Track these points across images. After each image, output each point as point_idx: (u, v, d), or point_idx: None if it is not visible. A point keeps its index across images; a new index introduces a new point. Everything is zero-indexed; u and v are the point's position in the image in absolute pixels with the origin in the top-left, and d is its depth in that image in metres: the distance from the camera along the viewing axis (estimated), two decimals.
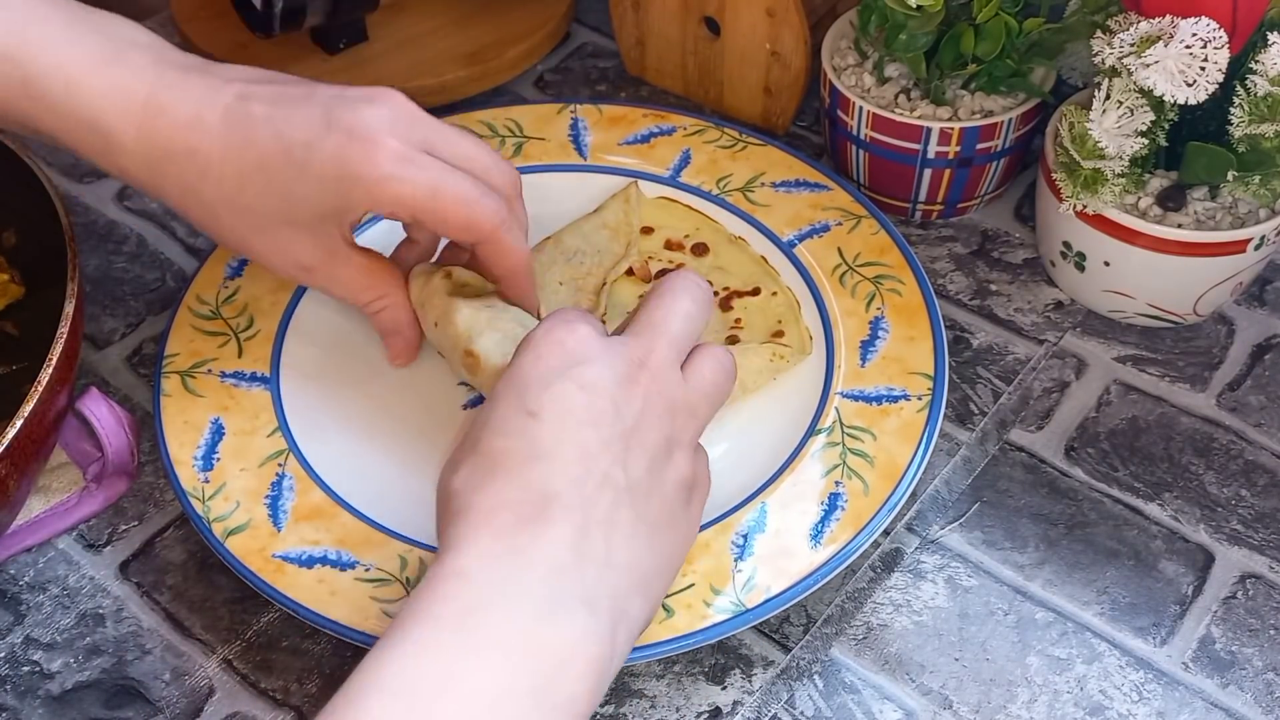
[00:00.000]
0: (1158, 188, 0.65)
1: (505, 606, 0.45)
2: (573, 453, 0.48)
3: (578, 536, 0.47)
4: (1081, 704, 0.56)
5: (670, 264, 0.70)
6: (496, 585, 0.45)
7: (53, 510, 0.63)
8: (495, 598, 0.45)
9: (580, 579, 0.46)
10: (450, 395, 0.66)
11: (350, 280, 0.62)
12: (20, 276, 0.68)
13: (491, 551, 0.46)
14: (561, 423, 0.48)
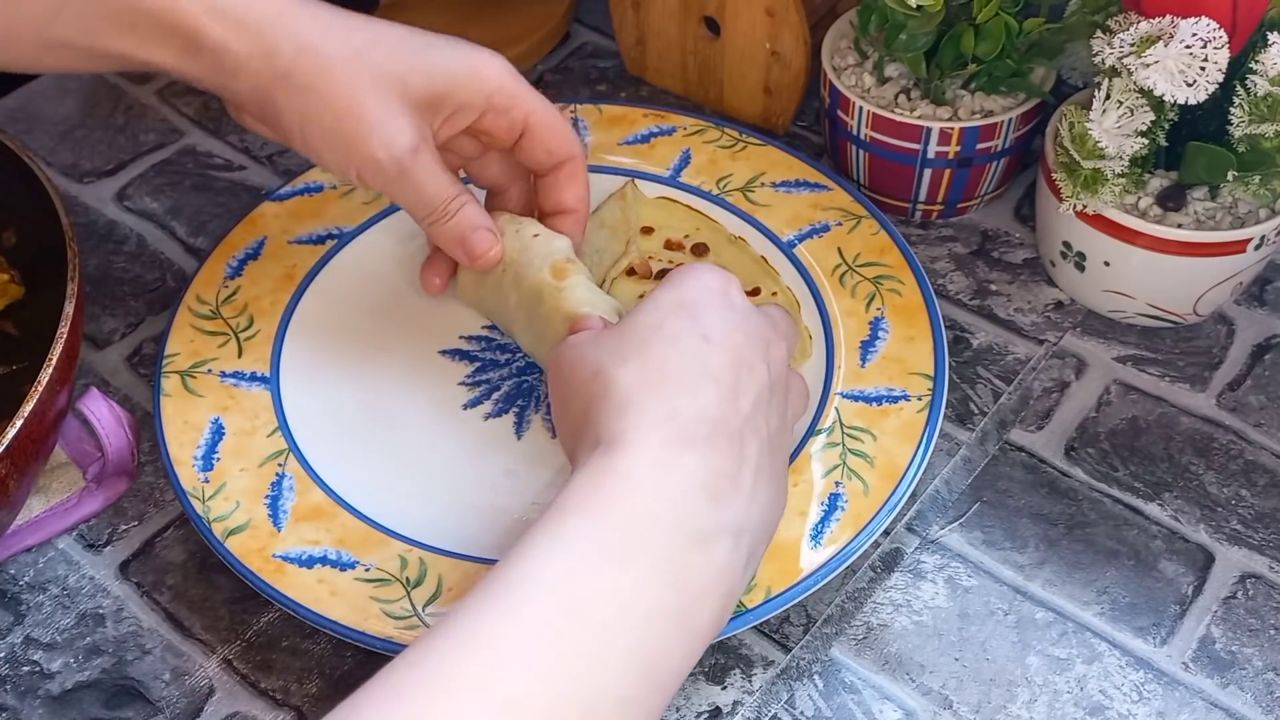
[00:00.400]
0: (1158, 188, 0.65)
1: (667, 524, 0.45)
2: (735, 389, 0.49)
3: (735, 468, 0.47)
4: (1081, 704, 0.56)
5: (670, 263, 0.70)
6: (662, 499, 0.45)
7: (53, 510, 0.63)
8: (659, 512, 0.45)
9: (732, 509, 0.47)
10: (450, 395, 0.66)
11: (436, 174, 0.60)
12: (20, 276, 0.68)
13: (660, 461, 0.46)
14: (732, 356, 0.49)
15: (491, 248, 0.63)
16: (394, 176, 0.59)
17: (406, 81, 0.58)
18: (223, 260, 0.70)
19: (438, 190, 0.60)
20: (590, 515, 0.45)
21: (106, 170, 0.81)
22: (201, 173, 0.81)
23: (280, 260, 0.71)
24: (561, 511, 0.45)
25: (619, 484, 0.45)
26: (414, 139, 0.59)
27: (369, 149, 0.58)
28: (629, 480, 0.45)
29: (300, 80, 0.57)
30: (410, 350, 0.68)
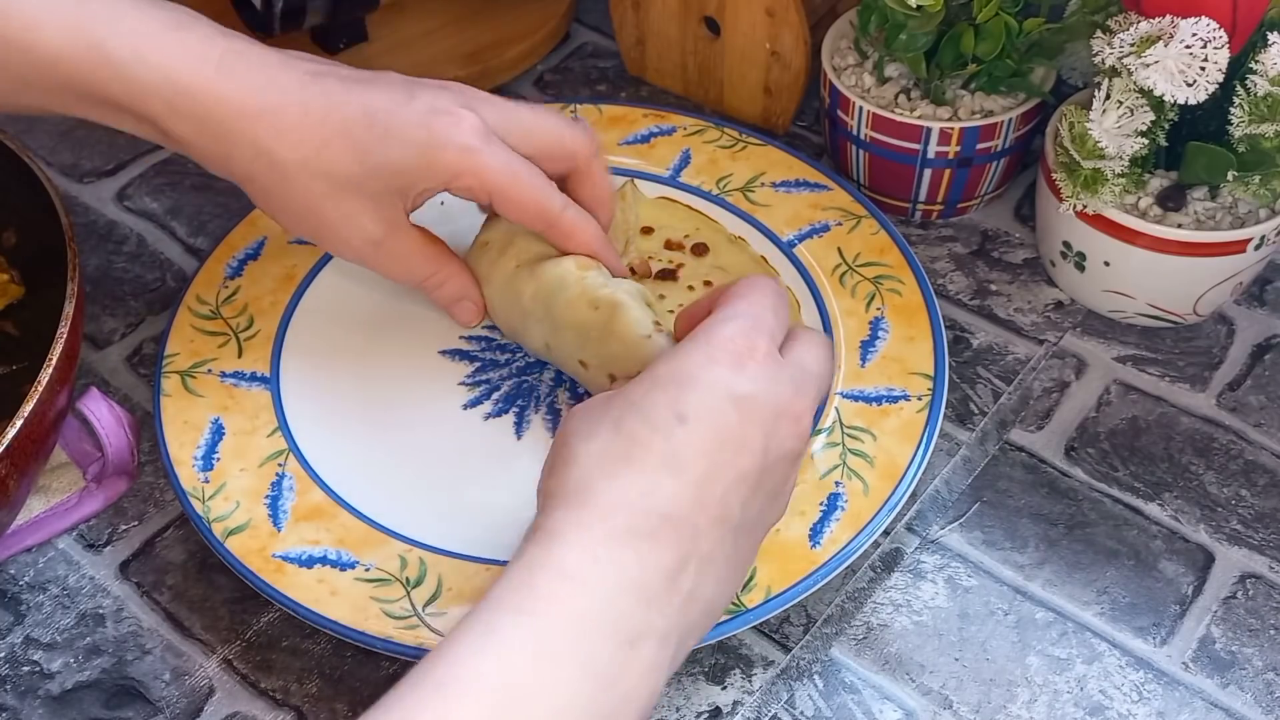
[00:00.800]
0: (1158, 188, 0.65)
1: (598, 623, 0.44)
2: (705, 476, 0.47)
3: (677, 567, 0.46)
4: (1081, 704, 0.56)
5: (670, 263, 0.70)
6: (595, 598, 0.44)
7: (53, 510, 0.63)
8: (592, 611, 0.44)
9: (665, 610, 0.45)
10: (450, 395, 0.66)
11: (411, 255, 0.62)
12: (20, 276, 0.68)
13: (598, 557, 0.45)
14: (707, 439, 0.47)
15: (470, 322, 0.66)
16: (368, 263, 0.62)
17: (362, 183, 0.58)
18: (223, 260, 0.70)
19: (410, 272, 0.63)
20: (523, 611, 0.43)
21: (106, 170, 0.81)
22: (201, 173, 0.80)
23: (280, 260, 0.71)
24: (493, 607, 0.44)
25: (552, 580, 0.44)
26: (378, 234, 0.60)
27: (336, 244, 0.61)
28: (563, 576, 0.44)
29: (261, 184, 0.59)
30: (410, 350, 0.68)
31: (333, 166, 0.58)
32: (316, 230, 0.60)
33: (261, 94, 0.57)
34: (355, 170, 0.58)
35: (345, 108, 0.58)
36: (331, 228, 0.60)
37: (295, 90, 0.57)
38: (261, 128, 0.57)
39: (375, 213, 0.59)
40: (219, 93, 0.56)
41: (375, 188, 0.59)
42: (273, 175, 0.58)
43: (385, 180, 0.59)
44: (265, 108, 0.57)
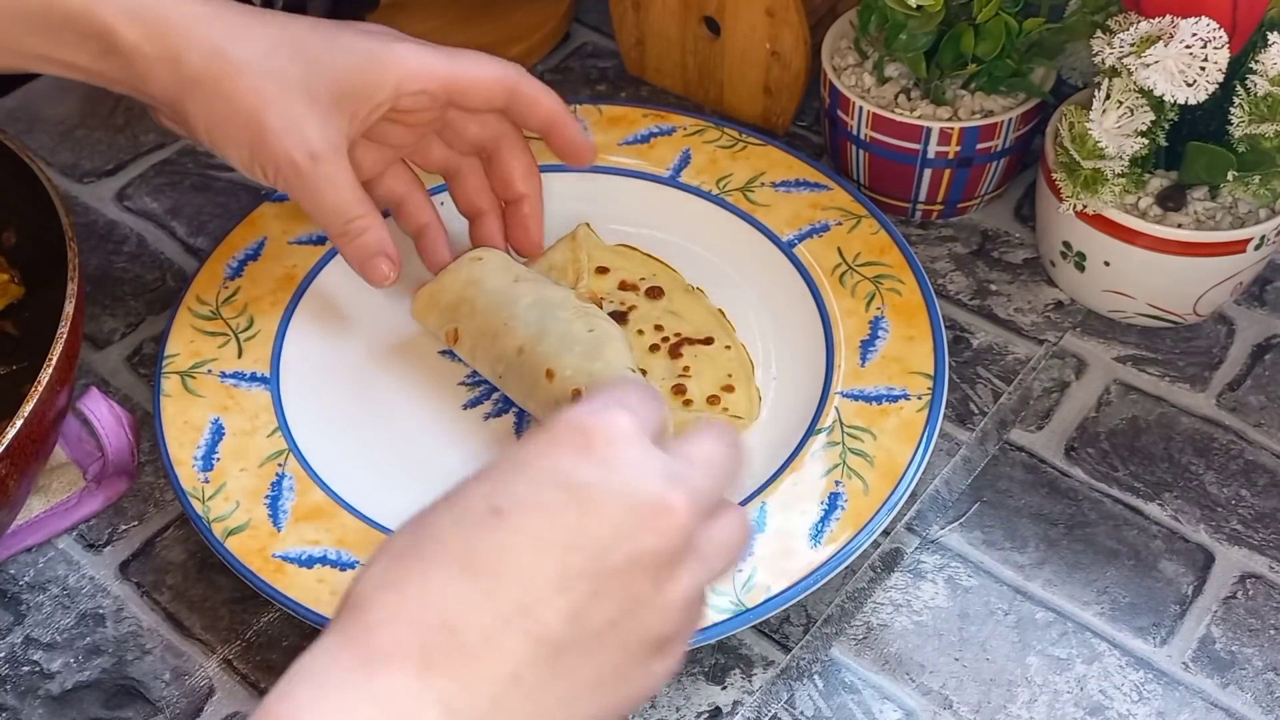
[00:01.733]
0: (1158, 188, 0.65)
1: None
2: (511, 581, 0.39)
3: (455, 691, 0.38)
4: (1081, 704, 0.56)
5: (623, 305, 0.68)
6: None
7: (53, 510, 0.63)
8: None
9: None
10: (450, 395, 0.66)
11: (343, 185, 0.60)
12: (20, 276, 0.68)
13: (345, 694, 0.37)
14: (522, 537, 0.39)
15: (385, 279, 0.63)
16: (295, 181, 0.60)
17: (309, 85, 0.58)
18: (223, 260, 0.70)
19: (338, 204, 0.60)
20: None
21: (106, 170, 0.81)
22: (201, 173, 0.81)
23: (280, 260, 0.71)
24: None
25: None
26: (318, 145, 0.59)
27: (272, 153, 0.59)
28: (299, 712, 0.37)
29: (207, 87, 0.58)
30: (410, 350, 0.68)
31: (282, 67, 0.58)
32: (257, 138, 0.58)
33: (215, 8, 0.58)
34: (303, 73, 0.58)
35: (294, 25, 0.60)
36: (272, 134, 0.58)
37: (244, 11, 0.59)
38: (215, 29, 0.58)
39: (318, 123, 0.59)
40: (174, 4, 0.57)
41: (322, 94, 0.59)
42: (223, 78, 0.57)
43: (333, 86, 0.59)
44: (218, 14, 0.58)
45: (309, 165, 0.59)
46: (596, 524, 0.40)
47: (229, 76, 0.58)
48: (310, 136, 0.59)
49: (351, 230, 0.61)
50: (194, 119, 0.59)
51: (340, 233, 0.61)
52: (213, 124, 0.59)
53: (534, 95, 0.63)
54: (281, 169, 0.59)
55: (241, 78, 0.58)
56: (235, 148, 0.59)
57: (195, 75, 0.58)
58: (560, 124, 0.65)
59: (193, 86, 0.58)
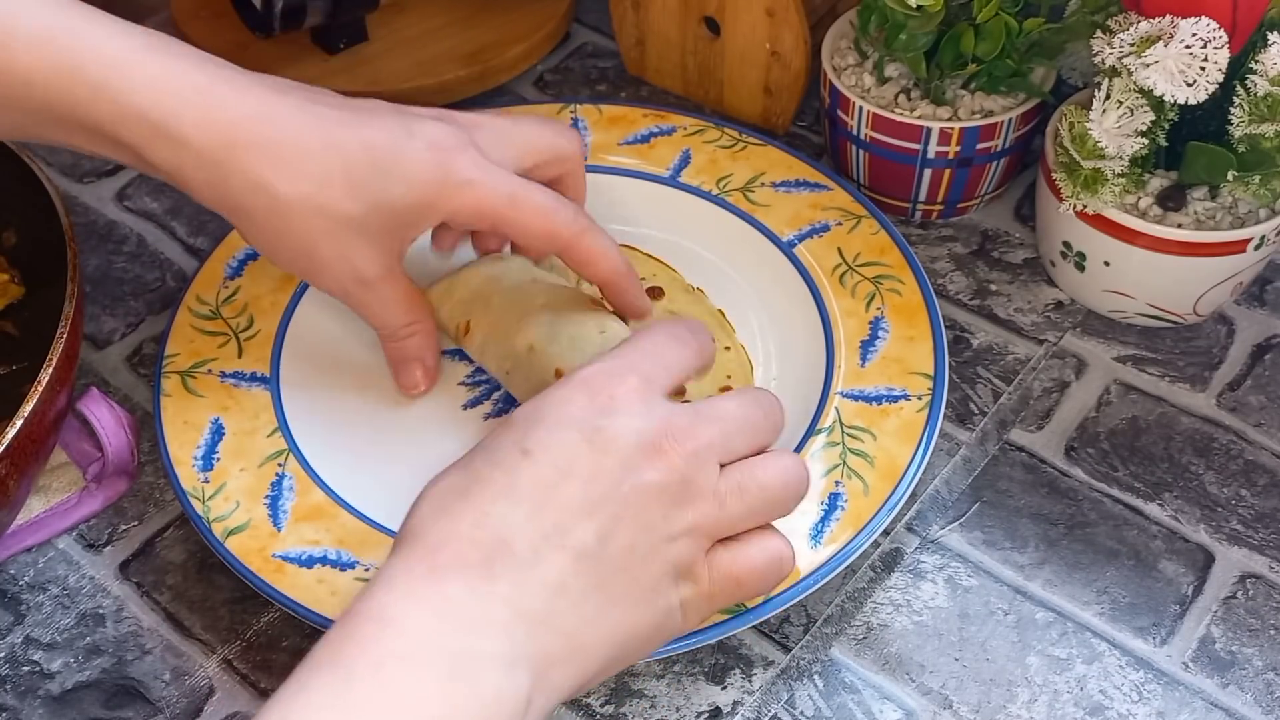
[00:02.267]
0: (1158, 188, 0.65)
1: (422, 662, 0.42)
2: (545, 503, 0.46)
3: (514, 593, 0.44)
4: (1081, 704, 0.56)
5: None
6: (417, 636, 0.43)
7: (53, 510, 0.63)
8: (414, 650, 0.42)
9: (507, 636, 0.44)
10: (450, 395, 0.66)
11: (398, 300, 0.61)
12: (20, 276, 0.68)
13: (421, 595, 0.44)
14: (550, 469, 0.46)
15: (415, 387, 0.65)
16: (348, 301, 0.61)
17: (363, 223, 0.57)
18: (223, 260, 0.70)
19: (389, 320, 0.62)
20: (336, 665, 0.42)
21: (106, 170, 0.81)
22: None
23: None
24: (308, 666, 0.42)
25: (367, 626, 0.43)
26: (370, 275, 0.59)
27: (324, 281, 0.60)
28: (379, 621, 0.43)
29: (256, 219, 0.57)
30: None
31: (333, 204, 0.56)
32: (308, 268, 0.59)
33: (255, 124, 0.55)
34: (355, 209, 0.57)
35: (345, 145, 0.56)
36: (324, 265, 0.58)
37: (288, 121, 0.56)
38: (256, 160, 0.55)
39: (371, 253, 0.58)
40: (209, 121, 0.54)
41: (374, 227, 0.58)
42: (269, 210, 0.56)
43: (385, 219, 0.58)
44: (259, 139, 0.55)
45: (361, 291, 0.60)
46: (608, 459, 0.46)
47: (276, 213, 0.56)
48: (362, 267, 0.59)
49: (401, 334, 0.63)
50: (243, 233, 0.59)
51: (388, 337, 0.63)
52: (261, 244, 0.59)
53: (590, 255, 0.61)
54: (334, 292, 0.60)
55: (291, 215, 0.56)
56: (284, 265, 0.60)
57: (239, 206, 0.57)
58: (616, 286, 0.62)
59: (239, 214, 0.57)
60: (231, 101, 0.55)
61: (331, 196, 0.56)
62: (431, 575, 0.44)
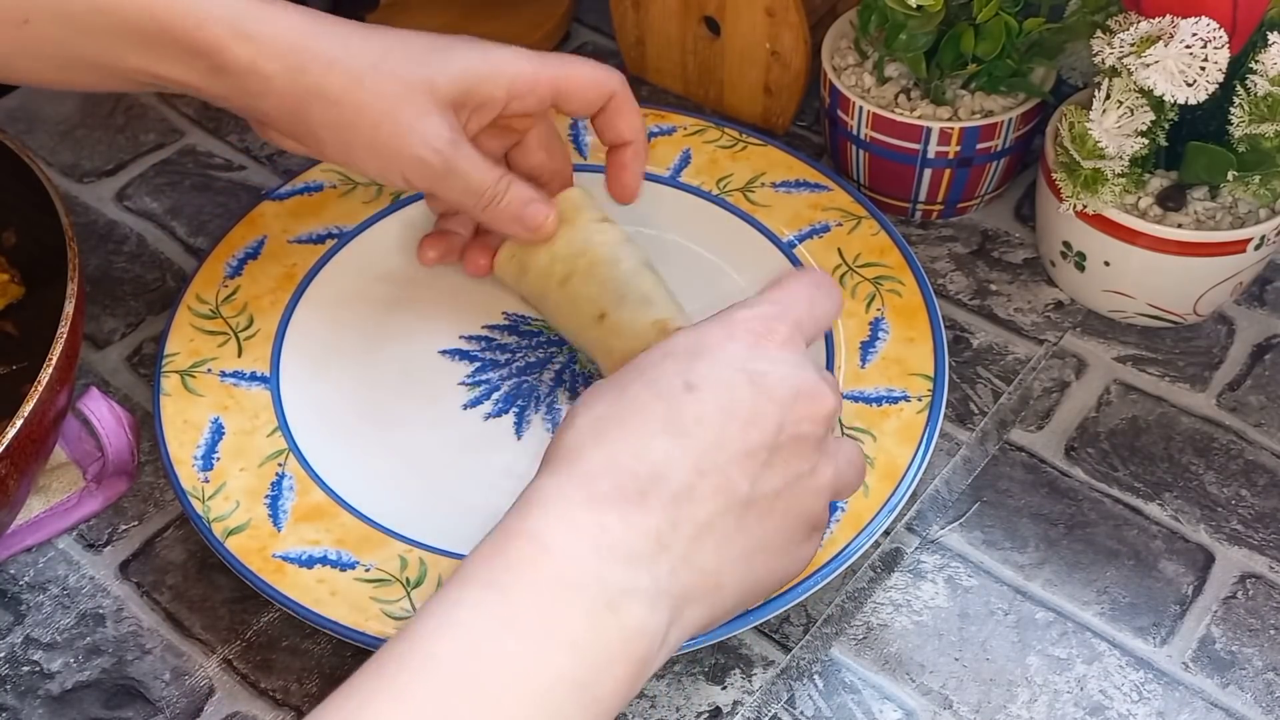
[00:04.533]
0: (1158, 188, 0.65)
1: (572, 589, 0.43)
2: (707, 444, 0.46)
3: (666, 529, 0.45)
4: (1081, 704, 0.56)
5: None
6: (573, 564, 0.43)
7: (53, 510, 0.63)
8: (570, 578, 0.43)
9: (652, 572, 0.44)
10: (451, 395, 0.66)
11: (477, 164, 0.61)
12: (20, 276, 0.68)
13: (578, 522, 0.44)
14: (714, 408, 0.47)
15: (548, 217, 0.64)
16: (440, 171, 0.60)
17: (433, 83, 0.59)
18: (222, 260, 0.70)
19: (483, 175, 0.61)
20: (491, 584, 0.43)
21: (106, 170, 0.81)
22: (201, 172, 0.81)
23: (280, 260, 0.71)
24: (462, 581, 0.43)
25: (524, 547, 0.43)
26: (448, 138, 0.60)
27: (411, 149, 0.59)
28: (536, 543, 0.43)
29: (332, 95, 0.58)
30: (410, 350, 0.68)
31: (406, 66, 0.59)
32: (392, 139, 0.59)
33: (319, 19, 0.59)
34: (427, 72, 0.59)
35: (398, 33, 0.60)
36: (409, 129, 0.59)
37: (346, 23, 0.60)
38: (328, 42, 0.58)
39: (443, 117, 0.59)
40: (281, 14, 0.58)
41: (444, 91, 0.59)
42: (346, 85, 0.58)
43: (452, 85, 0.59)
44: (328, 29, 0.59)
45: (441, 160, 0.60)
46: (769, 404, 0.47)
47: (353, 83, 0.58)
48: (440, 132, 0.59)
49: (499, 192, 0.62)
50: (318, 129, 0.59)
51: (484, 205, 0.62)
52: (341, 133, 0.59)
53: (626, 108, 0.64)
54: (424, 162, 0.60)
55: (365, 82, 0.58)
56: (370, 154, 0.60)
57: (317, 86, 0.58)
58: (639, 144, 0.65)
59: (315, 97, 0.58)
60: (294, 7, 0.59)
61: (397, 62, 0.59)
62: (590, 504, 0.44)
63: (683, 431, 0.46)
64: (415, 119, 0.59)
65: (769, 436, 0.47)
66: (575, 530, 0.44)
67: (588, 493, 0.45)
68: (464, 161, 0.60)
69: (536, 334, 0.69)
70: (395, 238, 0.72)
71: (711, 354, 0.48)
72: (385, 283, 0.71)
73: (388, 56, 0.59)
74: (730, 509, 0.46)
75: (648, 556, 0.44)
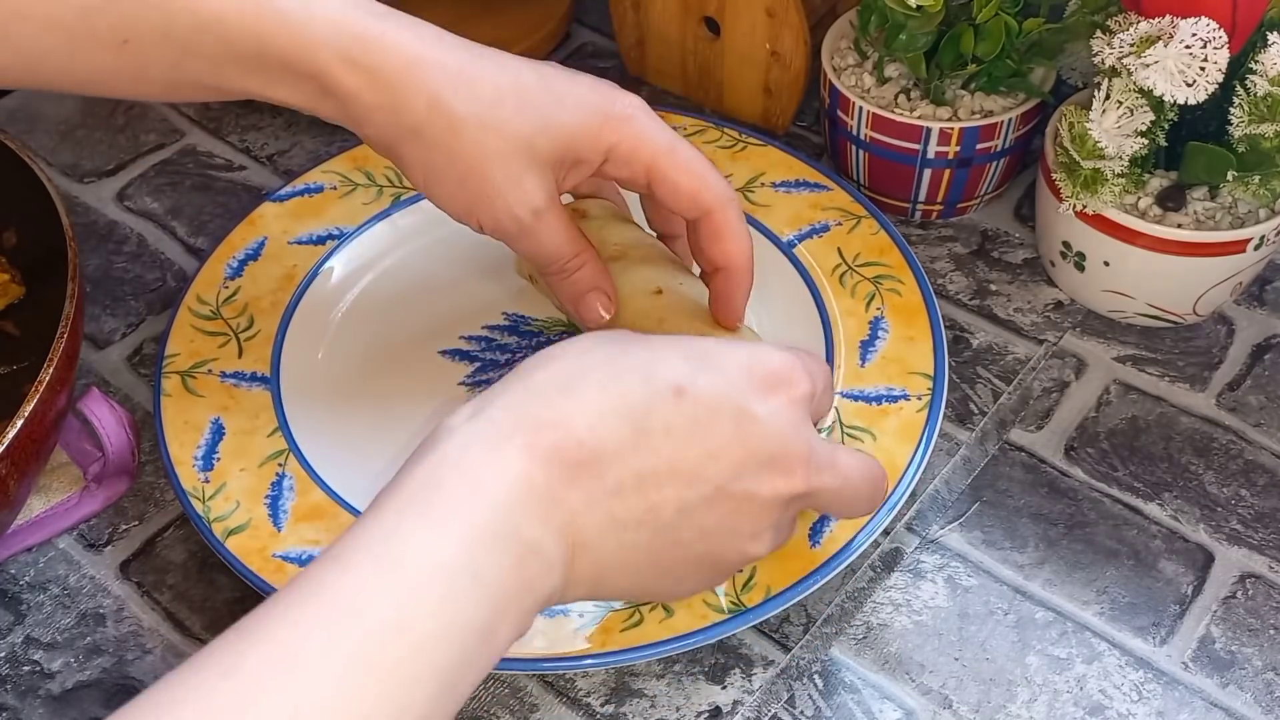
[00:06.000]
0: (1158, 188, 0.65)
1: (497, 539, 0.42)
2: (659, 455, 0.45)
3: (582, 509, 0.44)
4: (1081, 704, 0.56)
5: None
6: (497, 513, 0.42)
7: (53, 510, 0.63)
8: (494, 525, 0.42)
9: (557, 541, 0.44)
10: (451, 395, 0.66)
11: (566, 228, 0.59)
12: (20, 276, 0.68)
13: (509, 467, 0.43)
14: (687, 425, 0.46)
15: (605, 312, 0.61)
16: (516, 234, 0.58)
17: (534, 144, 0.56)
18: (223, 260, 0.70)
19: (559, 250, 0.60)
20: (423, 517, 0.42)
21: (106, 170, 0.81)
22: (202, 173, 0.81)
23: (280, 260, 0.71)
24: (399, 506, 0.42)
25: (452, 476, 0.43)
26: (539, 202, 0.57)
27: (494, 209, 0.57)
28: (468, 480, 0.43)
29: (428, 138, 0.56)
30: (410, 350, 0.68)
31: (506, 123, 0.56)
32: (478, 193, 0.57)
33: (433, 46, 0.56)
34: (526, 129, 0.56)
35: (519, 72, 0.57)
36: (495, 190, 0.57)
37: (462, 49, 0.57)
38: (437, 77, 0.55)
39: (539, 179, 0.57)
40: (393, 41, 0.55)
41: (543, 151, 0.57)
42: (445, 129, 0.56)
43: (553, 142, 0.57)
44: (439, 60, 0.56)
45: (530, 221, 0.58)
46: (739, 449, 0.46)
47: (452, 131, 0.55)
48: (532, 194, 0.57)
49: (568, 269, 0.61)
50: (411, 166, 0.58)
51: (557, 272, 0.61)
52: (430, 174, 0.58)
53: (730, 231, 0.59)
54: (502, 224, 0.58)
55: (465, 132, 0.55)
56: (451, 199, 0.58)
57: (416, 126, 0.56)
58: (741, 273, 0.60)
59: (412, 137, 0.56)
60: (408, 27, 0.56)
61: (504, 114, 0.56)
62: (526, 451, 0.43)
63: (645, 430, 0.45)
64: (506, 181, 0.57)
65: (723, 477, 0.46)
66: (506, 475, 0.43)
67: (530, 440, 0.44)
68: (543, 233, 0.58)
69: (536, 334, 0.69)
70: (395, 238, 0.72)
71: (720, 374, 0.47)
72: (385, 283, 0.71)
73: (498, 105, 0.56)
74: (646, 524, 0.46)
75: (556, 525, 0.44)
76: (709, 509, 0.46)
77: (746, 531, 0.48)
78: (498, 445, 0.44)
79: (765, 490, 0.47)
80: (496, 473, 0.43)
